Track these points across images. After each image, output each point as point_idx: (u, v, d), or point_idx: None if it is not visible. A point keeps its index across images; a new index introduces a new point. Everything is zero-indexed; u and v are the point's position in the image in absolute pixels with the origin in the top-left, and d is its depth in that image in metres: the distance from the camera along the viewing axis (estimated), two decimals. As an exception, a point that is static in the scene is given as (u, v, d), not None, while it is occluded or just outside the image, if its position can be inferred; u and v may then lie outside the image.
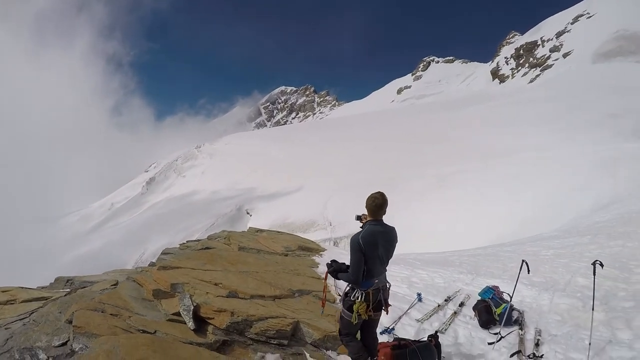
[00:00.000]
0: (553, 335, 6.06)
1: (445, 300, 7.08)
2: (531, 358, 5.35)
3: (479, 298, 6.73)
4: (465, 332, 6.00)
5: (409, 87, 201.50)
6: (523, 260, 6.02)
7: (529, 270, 6.04)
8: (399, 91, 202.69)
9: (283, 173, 43.03)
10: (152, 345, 4.19)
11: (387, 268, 4.30)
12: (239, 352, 4.82)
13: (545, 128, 37.68)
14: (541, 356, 5.39)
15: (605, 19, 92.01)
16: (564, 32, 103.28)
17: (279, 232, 11.74)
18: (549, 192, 22.62)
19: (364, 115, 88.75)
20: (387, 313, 4.38)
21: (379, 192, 4.17)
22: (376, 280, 4.18)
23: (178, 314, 5.16)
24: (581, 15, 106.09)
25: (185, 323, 5.08)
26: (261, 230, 11.17)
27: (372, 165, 38.33)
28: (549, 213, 20.07)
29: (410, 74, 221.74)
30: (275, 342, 5.12)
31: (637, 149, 26.98)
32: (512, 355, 5.37)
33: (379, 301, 4.21)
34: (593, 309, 5.85)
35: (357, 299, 4.20)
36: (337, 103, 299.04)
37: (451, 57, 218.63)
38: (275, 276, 7.17)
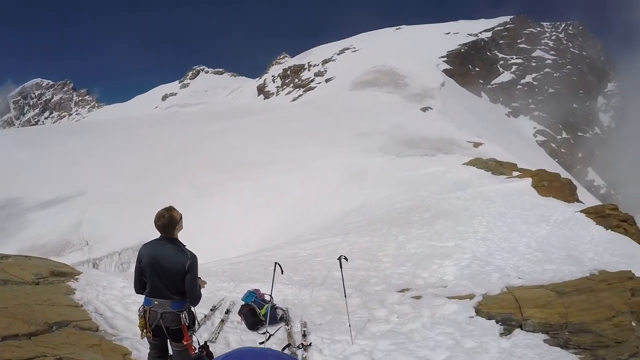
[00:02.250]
0: (318, 324, 7.68)
1: (211, 310, 7.88)
2: (300, 348, 6.66)
3: (243, 303, 7.89)
4: (235, 337, 6.98)
5: (175, 94, 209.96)
6: (276, 263, 7.62)
7: (282, 271, 7.62)
8: (164, 97, 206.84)
9: (32, 184, 36.39)
10: None
11: (175, 296, 4.42)
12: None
13: (303, 142, 42.92)
14: (309, 344, 6.79)
15: (368, 54, 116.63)
16: (330, 60, 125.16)
17: (27, 256, 10.26)
18: (306, 200, 26.66)
19: (124, 120, 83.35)
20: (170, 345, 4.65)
21: (167, 208, 4.43)
22: (155, 302, 4.40)
23: None
24: (347, 49, 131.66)
25: None
26: (6, 256, 9.43)
27: (132, 175, 36.31)
28: (306, 218, 23.66)
29: (178, 81, 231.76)
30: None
31: (382, 162, 34.53)
32: (283, 350, 6.57)
33: (159, 327, 4.41)
34: (346, 296, 7.62)
35: (139, 312, 4.53)
36: (97, 105, 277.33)
37: (221, 69, 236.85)
38: (27, 310, 6.48)
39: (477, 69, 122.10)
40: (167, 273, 4.30)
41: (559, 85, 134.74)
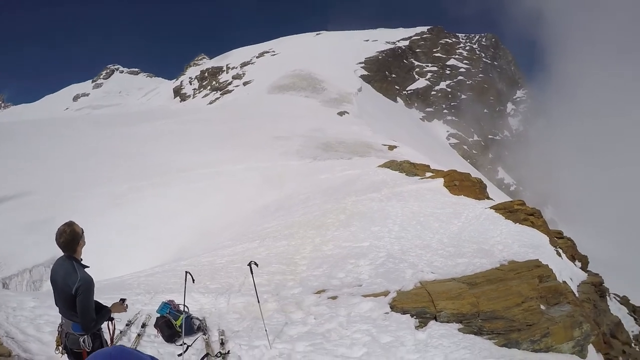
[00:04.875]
0: (235, 331, 7.71)
1: (127, 325, 7.68)
2: (219, 357, 6.69)
3: (158, 315, 7.71)
4: (153, 351, 6.84)
5: (87, 94, 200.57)
6: (186, 272, 7.57)
7: (193, 280, 7.67)
8: (75, 98, 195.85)
9: None
10: None
11: (74, 317, 4.20)
12: None
13: (222, 146, 42.53)
14: (227, 352, 6.83)
15: (287, 58, 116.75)
16: (249, 64, 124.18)
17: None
18: (224, 205, 26.27)
19: (32, 123, 77.45)
20: None
21: (68, 224, 4.17)
22: (63, 321, 4.32)
23: None
24: (267, 52, 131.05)
25: None
26: None
27: (40, 183, 33.69)
28: (224, 224, 23.37)
29: (91, 80, 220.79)
30: None
31: (299, 166, 34.72)
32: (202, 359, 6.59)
33: (66, 345, 4.34)
34: (259, 301, 7.85)
35: (58, 327, 4.44)
36: (3, 105, 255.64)
37: (137, 69, 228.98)
38: None
39: (393, 75, 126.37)
40: (61, 293, 4.12)
41: (471, 92, 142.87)
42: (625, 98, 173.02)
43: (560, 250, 16.50)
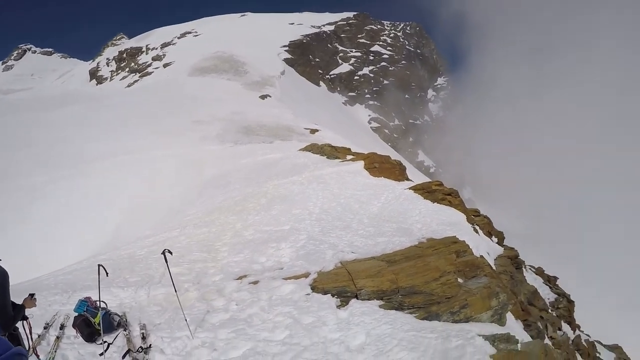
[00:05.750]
0: (157, 324, 7.54)
1: (45, 328, 7.38)
2: (140, 352, 6.52)
3: (76, 314, 7.33)
4: (74, 353, 6.61)
5: None
6: (99, 265, 7.14)
7: (107, 273, 7.23)
8: None
9: None
10: None
11: None
12: None
13: (141, 131, 41.52)
14: (149, 346, 6.67)
15: (209, 40, 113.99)
16: (170, 44, 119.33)
17: None
18: (144, 193, 25.60)
19: None
20: None
21: None
22: None
23: None
24: (189, 33, 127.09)
25: None
26: None
27: None
28: (145, 213, 22.67)
29: (1, 62, 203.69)
30: None
31: (219, 150, 34.25)
32: (123, 357, 6.43)
33: None
34: (176, 290, 7.65)
35: None
36: None
37: (50, 49, 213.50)
38: None
39: (317, 59, 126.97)
40: None
41: (394, 78, 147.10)
42: (535, 90, 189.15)
43: (477, 227, 17.25)
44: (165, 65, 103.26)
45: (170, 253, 7.58)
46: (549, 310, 18.40)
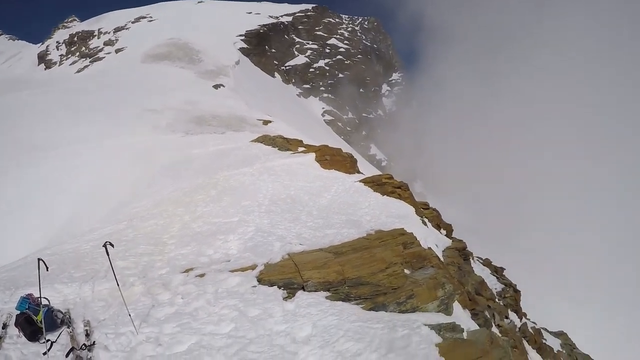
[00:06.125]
0: (101, 320, 7.39)
1: None
2: (84, 349, 6.37)
3: (17, 312, 7.11)
4: (17, 354, 6.44)
5: None
6: (39, 259, 6.95)
7: (47, 268, 7.01)
8: None
9: None
10: None
11: None
12: None
13: (90, 120, 39.83)
14: (93, 343, 6.54)
15: (164, 25, 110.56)
16: (123, 29, 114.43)
17: None
18: (94, 184, 24.82)
19: None
20: None
21: None
22: None
23: None
24: (144, 17, 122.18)
25: None
26: None
27: None
28: (94, 205, 21.95)
29: None
30: None
31: (171, 140, 33.46)
32: (67, 355, 6.24)
33: None
34: (119, 284, 7.61)
35: None
36: None
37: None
38: None
39: (273, 50, 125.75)
40: None
41: (349, 71, 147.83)
42: (486, 90, 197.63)
43: (426, 220, 17.62)
44: (117, 51, 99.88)
45: (112, 245, 7.45)
46: (496, 300, 19.04)
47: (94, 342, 6.56)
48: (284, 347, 6.57)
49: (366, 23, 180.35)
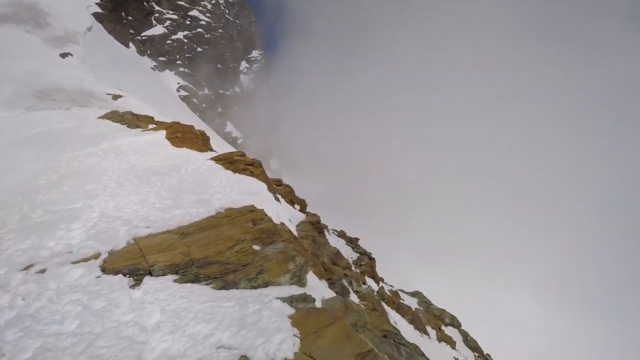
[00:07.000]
0: None
1: None
2: None
3: None
4: None
5: None
6: None
7: None
8: None
9: None
10: None
11: None
12: None
13: None
14: None
15: None
16: None
17: None
18: None
19: None
20: None
21: None
22: None
23: None
24: None
25: None
26: None
27: None
28: None
29: None
30: None
31: (10, 119, 29.29)
32: None
33: None
34: None
35: None
36: None
37: None
38: None
39: (130, 17, 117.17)
40: None
41: (208, 46, 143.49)
42: (343, 77, 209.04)
43: (279, 196, 18.07)
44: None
45: None
46: (353, 268, 20.27)
47: None
48: (133, 337, 6.44)
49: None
